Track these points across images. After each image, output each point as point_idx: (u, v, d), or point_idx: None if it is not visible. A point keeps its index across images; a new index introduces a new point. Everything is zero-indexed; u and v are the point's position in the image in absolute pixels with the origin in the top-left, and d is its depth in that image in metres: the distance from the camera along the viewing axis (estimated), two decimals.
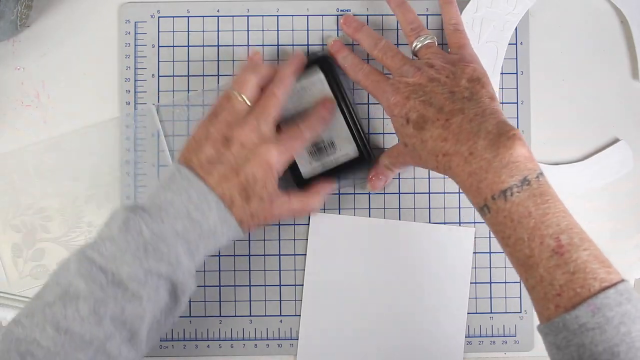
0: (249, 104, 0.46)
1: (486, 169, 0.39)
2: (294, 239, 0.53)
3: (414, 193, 0.53)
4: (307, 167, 0.51)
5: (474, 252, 0.53)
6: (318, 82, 0.50)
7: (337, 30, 0.53)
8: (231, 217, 0.43)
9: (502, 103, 0.53)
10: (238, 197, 0.43)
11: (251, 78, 0.46)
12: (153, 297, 0.40)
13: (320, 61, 0.50)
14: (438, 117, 0.42)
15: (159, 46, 0.53)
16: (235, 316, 0.53)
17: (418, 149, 0.44)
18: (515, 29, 0.52)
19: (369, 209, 0.53)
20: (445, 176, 0.53)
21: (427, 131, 0.42)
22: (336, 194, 0.53)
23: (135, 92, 0.53)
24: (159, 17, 0.53)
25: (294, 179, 0.51)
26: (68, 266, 0.40)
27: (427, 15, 0.54)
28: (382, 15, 0.53)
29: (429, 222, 0.53)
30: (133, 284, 0.39)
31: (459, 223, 0.53)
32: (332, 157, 0.51)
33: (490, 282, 0.53)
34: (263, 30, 0.53)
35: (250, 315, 0.53)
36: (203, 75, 0.53)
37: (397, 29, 0.53)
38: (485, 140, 0.40)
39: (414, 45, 0.47)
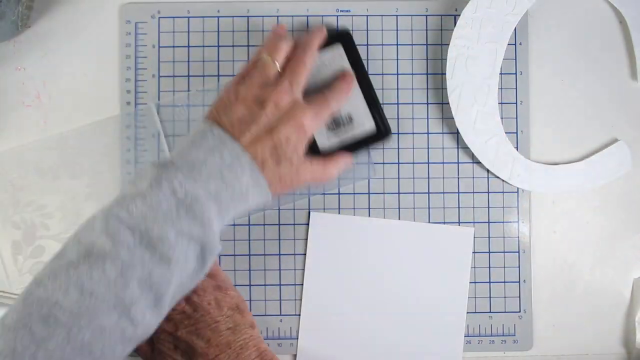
0: (279, 69, 0.45)
1: None
2: (294, 239, 0.53)
3: (414, 193, 0.53)
4: (324, 141, 0.50)
5: (473, 252, 0.53)
6: (338, 57, 0.50)
7: (337, 30, 0.53)
8: (263, 179, 0.42)
9: (502, 103, 0.53)
10: (269, 158, 0.42)
11: (282, 45, 0.46)
12: (182, 261, 0.38)
13: (341, 36, 0.51)
14: (206, 352, 0.42)
15: (159, 46, 0.53)
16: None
17: None
18: (515, 29, 0.52)
19: (369, 208, 0.53)
20: (445, 177, 0.53)
21: None
22: (336, 193, 0.53)
23: (135, 92, 0.53)
24: (159, 17, 0.53)
25: (310, 153, 0.49)
26: (93, 225, 0.38)
27: (426, 15, 0.54)
28: (382, 15, 0.54)
29: (429, 222, 0.53)
30: (163, 246, 0.37)
31: (459, 223, 0.53)
32: (349, 132, 0.51)
33: (490, 282, 0.53)
34: (263, 31, 0.53)
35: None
36: (203, 76, 0.53)
37: (397, 29, 0.54)
38: None
39: None
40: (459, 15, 0.52)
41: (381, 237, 0.53)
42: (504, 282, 0.53)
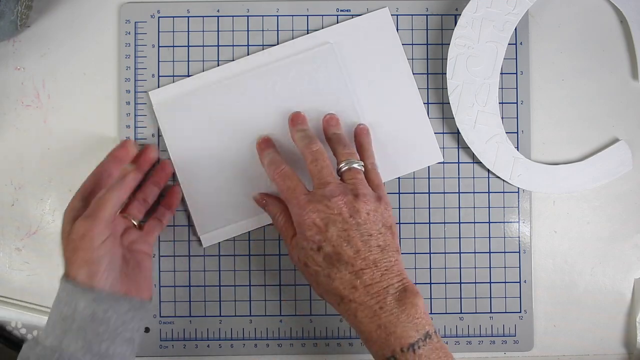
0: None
1: (395, 323, 0.41)
2: None
3: (414, 193, 0.53)
4: None
5: (474, 252, 0.53)
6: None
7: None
8: (100, 291, 0.42)
9: (502, 103, 0.53)
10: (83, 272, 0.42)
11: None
12: None
13: None
14: (352, 263, 0.42)
15: (159, 46, 0.53)
16: (235, 316, 0.53)
17: (320, 279, 0.44)
18: (515, 29, 0.52)
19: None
20: (445, 177, 0.53)
21: (337, 270, 0.43)
22: None
23: (135, 92, 0.53)
24: (159, 17, 0.53)
25: None
26: None
27: (427, 15, 0.54)
28: None
29: (429, 222, 0.53)
30: None
31: (459, 222, 0.53)
32: None
33: (490, 282, 0.53)
34: (263, 30, 0.53)
35: (250, 315, 0.53)
36: None
37: (397, 29, 0.53)
38: (394, 296, 0.42)
39: (341, 165, 0.46)
40: (460, 14, 0.52)
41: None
42: (505, 282, 0.53)
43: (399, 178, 0.53)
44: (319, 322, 0.53)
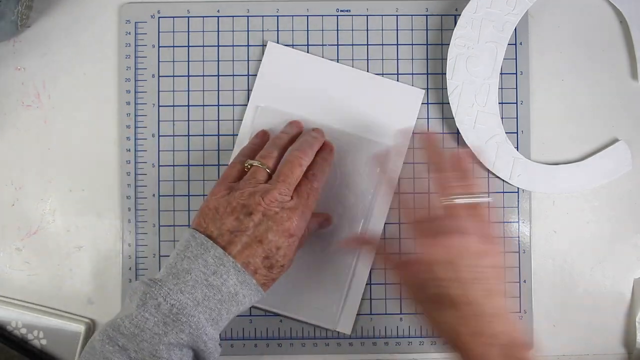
0: (269, 172, 0.45)
1: None
2: None
3: (414, 193, 0.53)
4: None
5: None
6: None
7: (337, 30, 0.53)
8: (250, 278, 0.42)
9: (502, 103, 0.53)
10: (261, 265, 0.42)
11: (274, 152, 0.47)
12: None
13: None
14: (458, 306, 0.41)
15: (159, 46, 0.53)
16: (236, 316, 0.53)
17: (427, 318, 0.43)
18: (515, 29, 0.52)
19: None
20: None
21: (442, 312, 0.41)
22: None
23: (135, 92, 0.53)
24: (159, 17, 0.53)
25: None
26: (93, 345, 0.40)
27: (426, 15, 0.54)
28: (382, 15, 0.54)
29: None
30: None
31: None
32: None
33: None
34: (263, 31, 0.53)
35: (251, 315, 0.53)
36: (203, 76, 0.53)
37: (397, 29, 0.54)
38: (500, 348, 0.40)
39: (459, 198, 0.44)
40: (459, 15, 0.52)
41: (332, 79, 0.53)
42: (504, 282, 0.53)
43: (398, 177, 0.53)
44: None
